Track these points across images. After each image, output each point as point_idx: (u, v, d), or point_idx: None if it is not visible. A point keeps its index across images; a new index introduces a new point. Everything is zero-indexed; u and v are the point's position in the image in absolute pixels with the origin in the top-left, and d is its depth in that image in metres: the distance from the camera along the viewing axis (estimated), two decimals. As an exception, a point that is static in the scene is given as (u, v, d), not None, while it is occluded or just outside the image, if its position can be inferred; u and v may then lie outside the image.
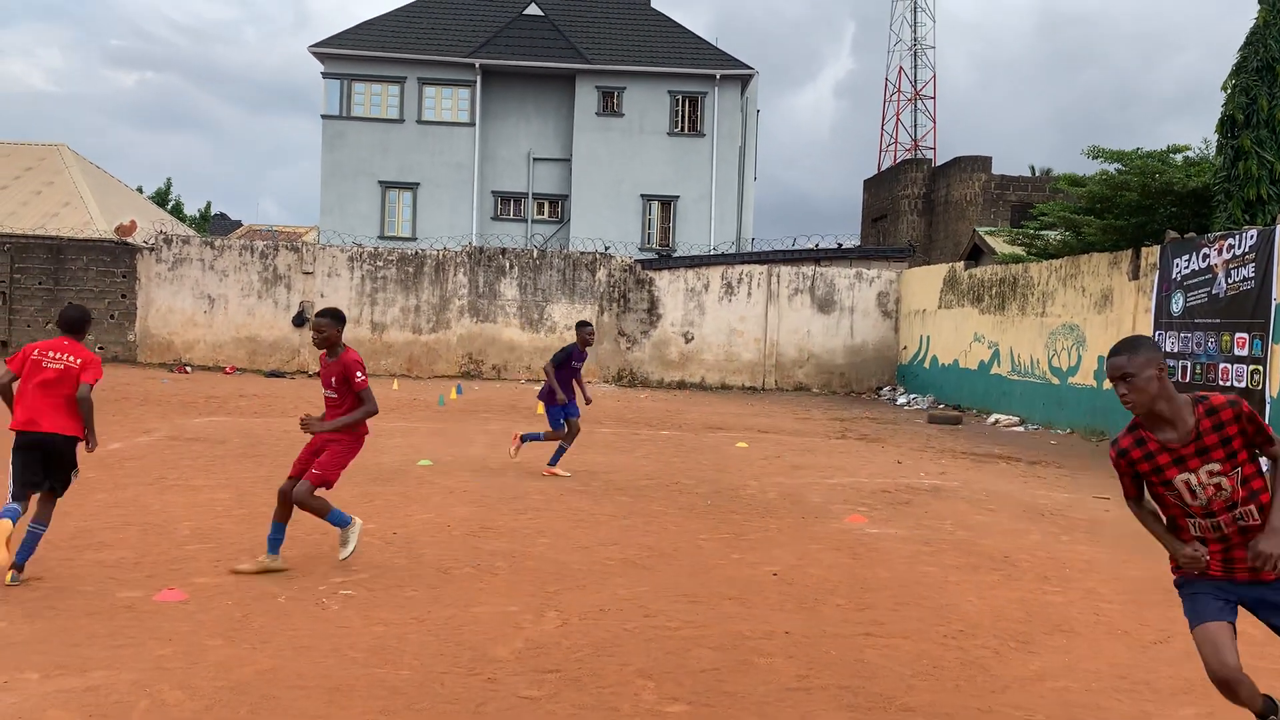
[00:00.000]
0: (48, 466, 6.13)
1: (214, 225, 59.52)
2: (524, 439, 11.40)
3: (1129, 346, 3.73)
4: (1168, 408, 3.72)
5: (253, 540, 7.32)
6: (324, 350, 6.71)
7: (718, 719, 4.36)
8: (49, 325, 26.75)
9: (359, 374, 6.51)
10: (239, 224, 60.11)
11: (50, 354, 6.15)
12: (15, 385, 6.19)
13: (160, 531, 7.49)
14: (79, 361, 6.16)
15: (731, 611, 5.97)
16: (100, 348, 26.65)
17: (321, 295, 27.41)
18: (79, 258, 26.80)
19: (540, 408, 11.75)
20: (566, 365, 11.28)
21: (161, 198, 53.74)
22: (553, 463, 11.21)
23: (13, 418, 6.13)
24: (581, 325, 11.36)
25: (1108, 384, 17.03)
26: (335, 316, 6.72)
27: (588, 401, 11.63)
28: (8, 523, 5.67)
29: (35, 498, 6.17)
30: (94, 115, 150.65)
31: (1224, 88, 16.50)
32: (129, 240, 27.70)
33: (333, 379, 6.60)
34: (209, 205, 61.66)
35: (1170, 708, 4.66)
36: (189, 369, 26.34)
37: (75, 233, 28.18)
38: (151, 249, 27.29)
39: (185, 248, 27.46)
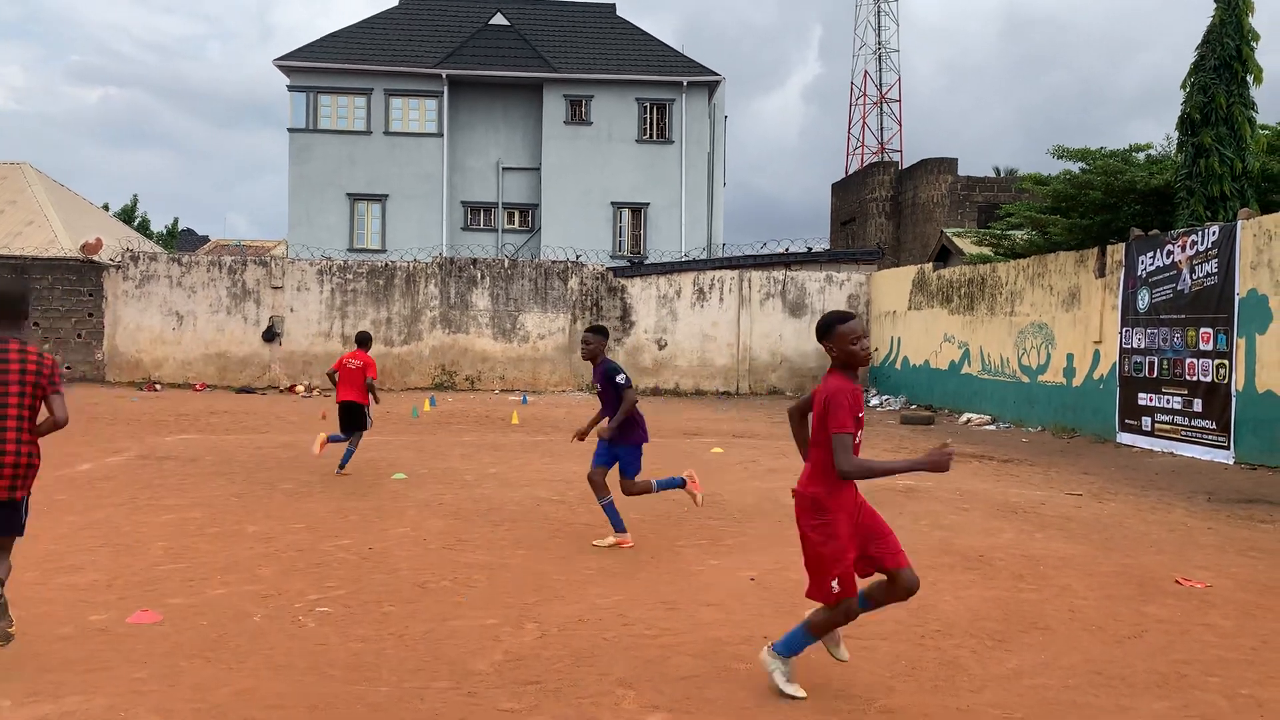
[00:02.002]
0: (350, 415, 11.74)
1: (181, 241, 58.98)
2: None
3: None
4: None
5: (228, 558, 7.26)
6: None
7: (699, 726, 4.37)
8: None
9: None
10: (206, 239, 59.62)
11: (350, 361, 11.79)
12: (337, 376, 11.79)
13: (132, 552, 7.41)
14: (362, 364, 11.75)
15: (710, 618, 5.98)
16: (68, 367, 26.35)
17: (291, 309, 27.25)
18: (44, 277, 26.50)
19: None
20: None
21: (128, 215, 53.19)
22: None
23: (336, 394, 11.89)
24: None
25: (1077, 381, 17.27)
26: None
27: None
28: (324, 435, 11.80)
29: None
30: (57, 132, 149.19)
31: (1183, 86, 16.76)
32: (95, 258, 27.41)
33: None
34: (176, 221, 61.08)
35: (1145, 701, 4.71)
36: (159, 387, 26.09)
37: (39, 252, 27.84)
38: (118, 267, 27.03)
39: (152, 265, 27.22)
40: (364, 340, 12.22)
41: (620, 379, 7.90)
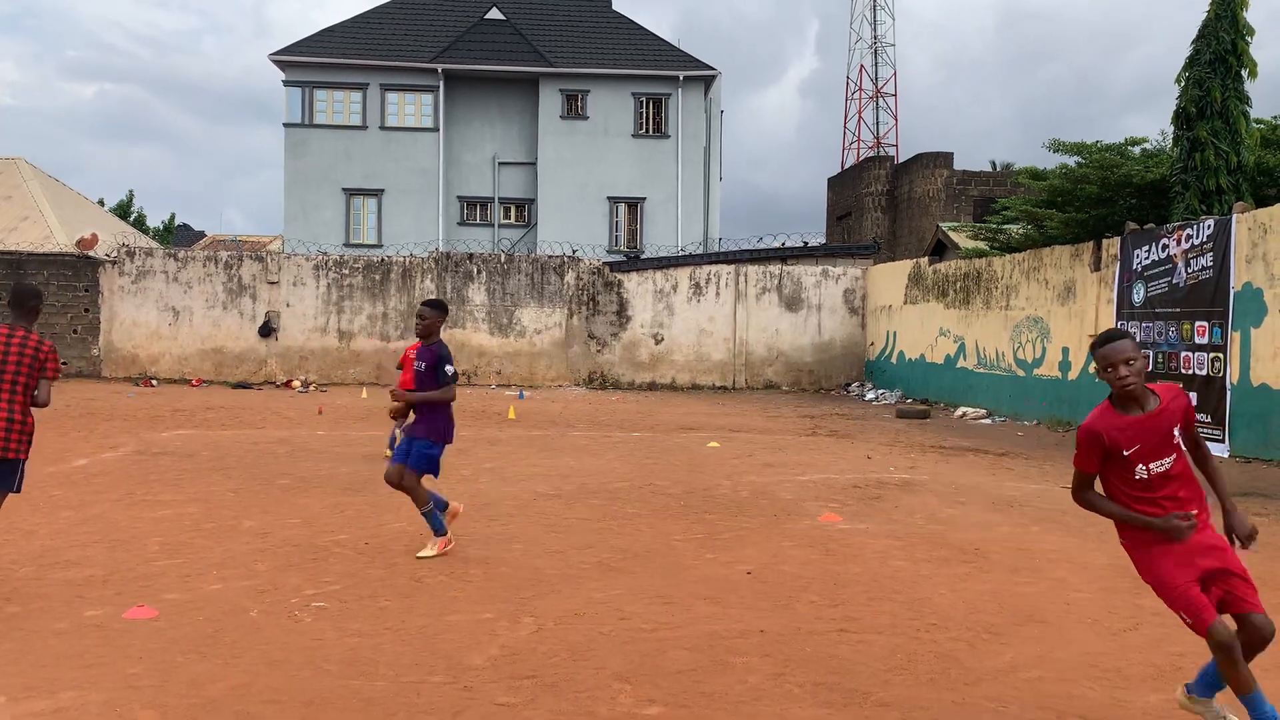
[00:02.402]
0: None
1: (178, 237, 58.86)
2: None
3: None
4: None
5: (224, 554, 7.26)
6: None
7: (695, 720, 4.38)
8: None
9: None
10: (202, 235, 59.54)
11: (412, 353, 11.27)
12: (401, 367, 11.86)
13: (128, 548, 7.41)
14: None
15: (706, 612, 5.99)
16: (64, 363, 26.31)
17: (288, 304, 27.21)
18: (39, 272, 26.44)
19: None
20: None
21: (124, 210, 53.08)
22: None
23: (400, 381, 11.55)
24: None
25: (1072, 374, 17.28)
26: None
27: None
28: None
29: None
30: (52, 128, 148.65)
31: (1178, 80, 16.75)
32: (90, 254, 27.36)
33: None
34: (173, 217, 60.85)
35: (1141, 694, 4.72)
36: (155, 382, 26.06)
37: (35, 247, 27.79)
38: (114, 262, 26.98)
39: (148, 260, 27.17)
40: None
41: (449, 370, 7.52)
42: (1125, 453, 3.96)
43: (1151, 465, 3.96)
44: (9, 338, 5.99)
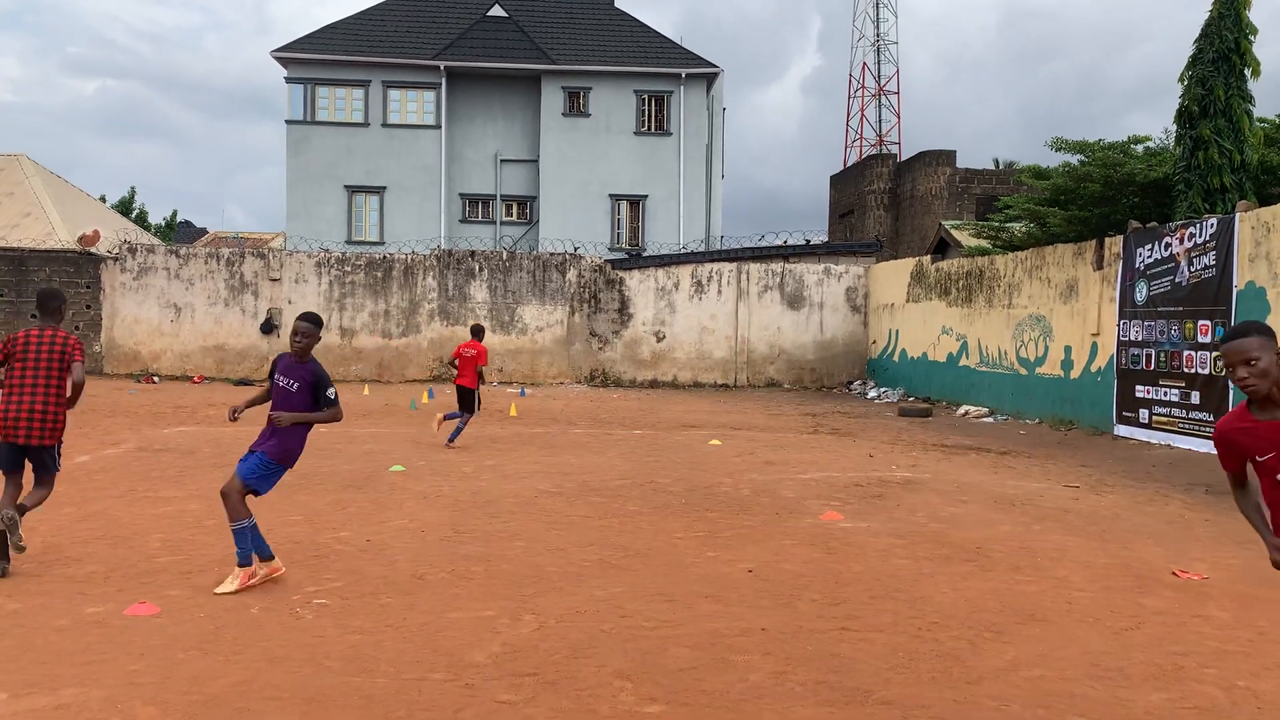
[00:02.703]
0: (465, 397, 13.74)
1: (180, 233, 58.91)
2: None
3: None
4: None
5: (225, 550, 7.25)
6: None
7: (696, 718, 4.37)
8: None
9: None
10: (205, 231, 59.59)
11: (465, 350, 13.81)
12: (456, 363, 13.90)
13: (130, 544, 7.41)
14: (475, 353, 13.79)
15: (708, 610, 5.98)
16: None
17: (289, 302, 27.21)
18: (42, 269, 26.45)
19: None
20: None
21: (125, 207, 53.11)
22: None
23: (456, 377, 13.85)
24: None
25: (1075, 373, 17.27)
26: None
27: None
28: (440, 415, 14.16)
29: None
30: (54, 124, 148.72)
31: (1181, 79, 16.73)
32: (92, 250, 27.36)
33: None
34: (174, 213, 60.97)
35: (1143, 693, 4.71)
36: (156, 379, 26.07)
37: (37, 244, 27.79)
38: (116, 259, 26.99)
39: (150, 257, 27.18)
40: (478, 331, 14.20)
41: (331, 394, 6.58)
42: (1259, 459, 3.56)
43: None
44: (40, 337, 6.69)
